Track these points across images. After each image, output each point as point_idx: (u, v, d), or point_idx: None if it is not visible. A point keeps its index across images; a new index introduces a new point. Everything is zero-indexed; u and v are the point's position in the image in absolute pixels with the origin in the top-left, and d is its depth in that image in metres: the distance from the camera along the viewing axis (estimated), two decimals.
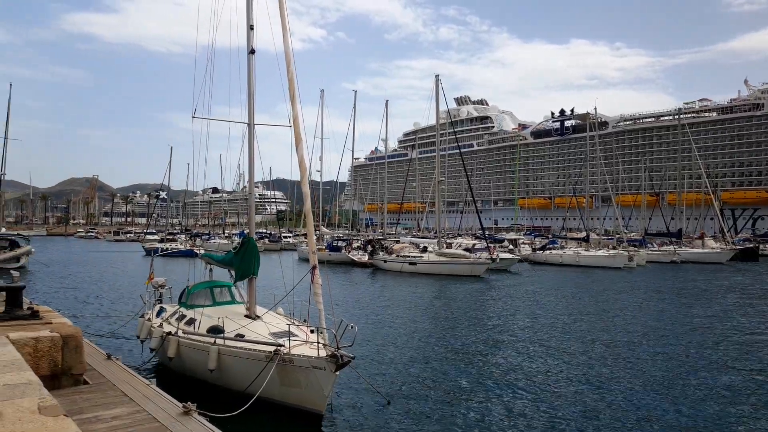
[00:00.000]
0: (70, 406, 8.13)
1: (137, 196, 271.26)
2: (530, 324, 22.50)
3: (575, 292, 33.78)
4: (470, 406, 12.17)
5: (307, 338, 11.96)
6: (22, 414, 5.22)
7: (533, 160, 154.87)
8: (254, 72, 15.41)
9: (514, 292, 33.90)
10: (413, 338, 19.39)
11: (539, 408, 12.01)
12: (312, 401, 10.99)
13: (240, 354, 11.55)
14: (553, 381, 14.03)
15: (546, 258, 58.48)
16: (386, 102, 65.82)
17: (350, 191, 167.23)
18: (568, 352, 17.32)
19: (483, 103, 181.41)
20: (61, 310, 18.97)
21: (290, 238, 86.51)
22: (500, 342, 18.87)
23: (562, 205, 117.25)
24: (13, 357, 7.23)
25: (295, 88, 13.23)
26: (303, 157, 13.05)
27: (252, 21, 15.44)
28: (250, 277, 14.82)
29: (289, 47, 13.28)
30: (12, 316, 9.94)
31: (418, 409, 11.86)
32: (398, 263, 47.17)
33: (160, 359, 14.13)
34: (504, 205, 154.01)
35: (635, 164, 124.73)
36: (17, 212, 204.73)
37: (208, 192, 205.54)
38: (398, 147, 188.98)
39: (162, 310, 15.93)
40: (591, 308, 27.13)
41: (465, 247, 52.34)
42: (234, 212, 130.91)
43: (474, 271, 42.97)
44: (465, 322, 22.93)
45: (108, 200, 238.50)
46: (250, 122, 15.65)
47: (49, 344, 8.81)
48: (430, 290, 34.81)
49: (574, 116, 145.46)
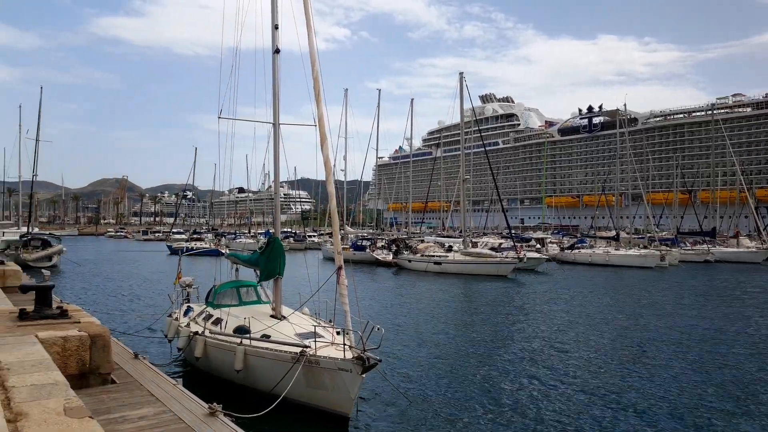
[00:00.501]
0: (97, 406, 8.14)
1: (165, 196, 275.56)
2: (559, 326, 22.08)
3: (606, 293, 33.12)
4: (497, 409, 11.93)
5: (333, 339, 11.84)
6: (47, 415, 5.18)
7: (560, 158, 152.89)
8: (279, 72, 15.39)
9: (542, 292, 33.40)
10: (439, 339, 19.18)
11: (567, 415, 11.71)
12: (338, 403, 10.87)
13: (266, 355, 11.49)
14: (582, 388, 13.66)
15: (575, 257, 57.55)
16: (411, 100, 65.64)
17: (374, 190, 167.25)
18: (599, 357, 16.88)
19: (508, 100, 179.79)
20: (89, 308, 19.20)
21: (315, 237, 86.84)
22: (528, 344, 18.53)
23: (591, 204, 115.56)
24: (41, 356, 7.24)
25: (320, 87, 13.14)
26: (328, 157, 12.96)
27: (276, 20, 15.41)
28: (276, 277, 14.78)
29: (314, 46, 13.20)
30: (41, 315, 10.01)
31: (445, 413, 11.66)
32: (423, 263, 46.88)
33: (187, 359, 14.18)
34: (530, 204, 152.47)
35: (666, 161, 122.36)
36: (50, 212, 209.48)
37: (234, 192, 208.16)
38: (422, 145, 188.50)
39: (189, 309, 16.00)
40: (623, 309, 26.53)
41: (491, 246, 51.84)
42: (260, 212, 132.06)
43: (500, 271, 42.48)
44: (491, 324, 22.62)
45: (137, 200, 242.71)
46: (275, 122, 15.61)
47: (77, 343, 8.84)
48: (456, 290, 34.50)
49: (603, 113, 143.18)
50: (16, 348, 7.59)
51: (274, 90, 15.37)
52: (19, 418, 5.11)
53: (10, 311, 10.69)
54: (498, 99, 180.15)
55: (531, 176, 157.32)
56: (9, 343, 7.86)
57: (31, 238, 48.24)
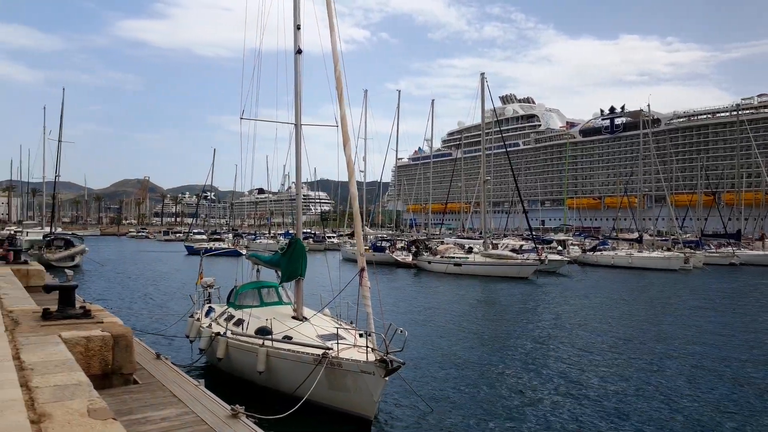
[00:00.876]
0: (119, 406, 8.10)
1: (186, 197, 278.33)
2: (583, 330, 21.73)
3: (630, 296, 32.59)
4: (520, 416, 11.71)
5: (356, 341, 11.72)
6: (71, 416, 5.12)
7: (582, 159, 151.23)
8: (301, 72, 15.33)
9: (565, 295, 32.96)
10: (460, 342, 18.97)
11: (592, 422, 11.44)
12: (361, 406, 10.75)
13: (288, 356, 11.41)
14: (608, 394, 13.35)
15: (597, 259, 56.80)
16: (432, 101, 65.51)
17: (393, 191, 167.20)
18: (625, 363, 16.53)
19: (529, 101, 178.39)
20: (111, 308, 19.31)
21: (334, 238, 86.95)
22: (550, 348, 18.23)
23: (613, 205, 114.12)
24: (64, 357, 7.21)
25: (343, 86, 13.03)
26: (351, 157, 12.83)
27: (299, 21, 15.35)
28: (297, 279, 14.70)
29: (337, 45, 13.10)
30: (64, 315, 10.00)
31: (468, 419, 11.47)
32: (443, 264, 46.61)
33: (209, 359, 14.15)
34: (551, 205, 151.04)
35: (690, 162, 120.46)
36: (72, 213, 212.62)
37: (254, 193, 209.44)
38: (442, 146, 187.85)
39: (211, 310, 15.99)
40: (648, 313, 26.05)
41: (512, 248, 51.36)
42: (279, 212, 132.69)
43: (521, 273, 42.05)
44: (513, 326, 22.34)
45: (158, 201, 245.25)
46: (297, 123, 15.55)
47: (100, 343, 8.81)
48: (477, 292, 34.20)
49: (625, 114, 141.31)
50: (39, 348, 7.58)
51: (296, 90, 15.31)
52: (43, 419, 5.05)
53: (33, 311, 10.73)
54: (518, 99, 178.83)
55: (552, 177, 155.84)
56: (33, 343, 7.85)
57: (54, 238, 48.90)
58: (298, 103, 15.38)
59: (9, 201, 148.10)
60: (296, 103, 15.37)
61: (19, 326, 9.21)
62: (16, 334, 8.56)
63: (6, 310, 10.89)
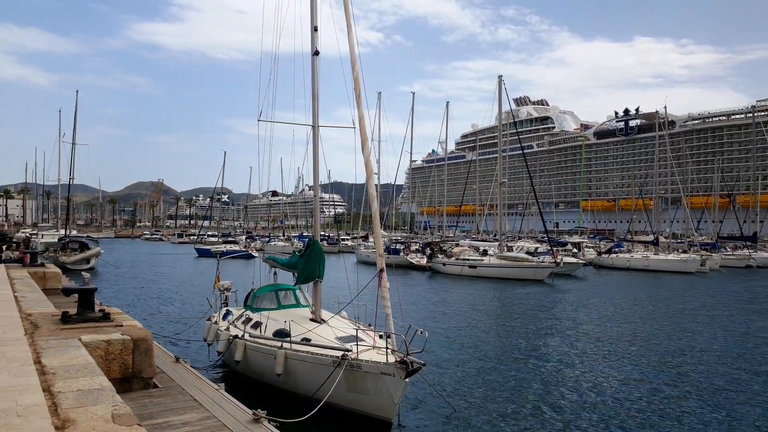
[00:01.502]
0: (140, 411, 8.01)
1: (200, 199, 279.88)
2: (600, 333, 21.44)
3: (647, 299, 32.16)
4: (539, 418, 11.51)
5: (375, 343, 11.58)
6: (95, 422, 5.01)
7: (596, 161, 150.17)
8: (318, 73, 15.24)
9: (581, 297, 32.59)
10: (477, 345, 18.77)
11: (612, 425, 11.22)
12: (381, 408, 10.61)
13: (307, 359, 11.29)
14: (627, 398, 13.12)
15: (613, 262, 56.22)
16: (447, 104, 65.24)
17: (407, 194, 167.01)
18: (642, 366, 16.22)
19: (543, 103, 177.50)
20: (127, 311, 19.30)
21: (348, 240, 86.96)
22: (570, 352, 17.99)
23: (627, 208, 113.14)
24: (85, 360, 7.12)
25: (360, 88, 12.92)
26: (369, 159, 12.70)
27: (316, 23, 15.28)
28: (315, 281, 14.59)
29: (355, 47, 12.98)
30: (84, 318, 9.96)
31: (488, 422, 11.29)
32: (458, 266, 46.37)
33: (227, 362, 14.07)
34: (565, 208, 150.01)
35: (705, 164, 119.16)
36: (87, 215, 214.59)
37: (268, 195, 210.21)
38: (456, 149, 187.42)
39: (228, 312, 15.93)
40: (666, 316, 25.69)
41: (527, 250, 50.98)
42: (293, 215, 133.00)
43: (537, 275, 41.72)
44: (529, 329, 22.09)
45: (173, 203, 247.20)
46: (314, 124, 15.45)
47: (120, 347, 8.74)
48: (492, 295, 33.94)
49: (639, 116, 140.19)
50: (60, 352, 7.51)
51: (313, 92, 15.22)
52: (67, 425, 4.95)
53: (52, 314, 10.69)
54: (532, 102, 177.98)
55: (566, 180, 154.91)
56: (53, 347, 7.79)
57: (69, 241, 49.21)
58: (315, 105, 15.28)
59: (24, 203, 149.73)
60: (313, 105, 15.28)
61: (38, 330, 9.16)
62: (36, 337, 8.50)
63: (25, 313, 10.87)
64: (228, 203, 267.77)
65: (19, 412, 5.16)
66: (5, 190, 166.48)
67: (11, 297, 13.08)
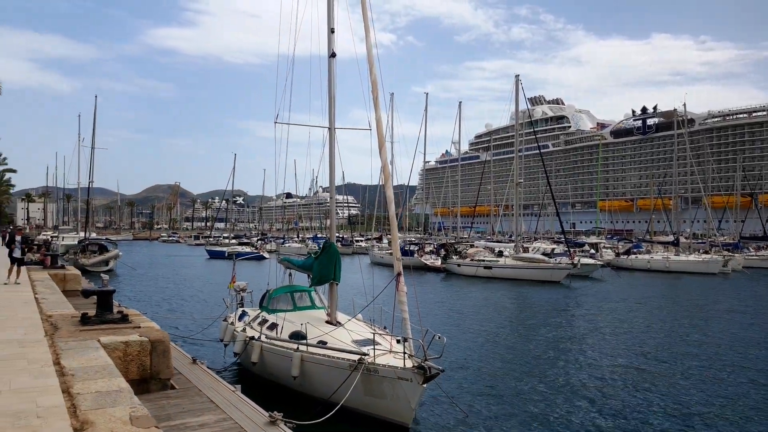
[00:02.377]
0: (158, 412, 8.04)
1: (216, 202, 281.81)
2: (619, 337, 21.18)
3: (670, 301, 31.72)
4: (555, 424, 11.37)
5: (392, 348, 11.52)
6: (113, 424, 5.04)
7: (613, 161, 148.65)
8: (335, 75, 15.25)
9: (599, 299, 32.25)
10: (494, 349, 18.64)
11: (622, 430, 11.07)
12: (398, 413, 10.55)
13: (323, 362, 11.28)
14: (644, 405, 12.93)
15: (632, 263, 55.48)
16: (459, 104, 64.99)
17: (421, 195, 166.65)
18: (660, 372, 15.93)
19: (558, 102, 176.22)
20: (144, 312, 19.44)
21: (362, 242, 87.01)
22: (587, 356, 17.78)
23: (646, 208, 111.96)
24: (104, 362, 7.18)
25: (378, 90, 12.90)
26: (386, 161, 12.70)
27: (333, 24, 15.28)
28: (331, 283, 14.56)
29: (372, 49, 12.94)
30: (102, 320, 10.05)
31: (505, 426, 11.18)
32: (472, 267, 46.11)
33: (243, 363, 14.10)
34: (582, 208, 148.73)
35: (726, 163, 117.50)
36: (106, 218, 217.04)
37: (282, 197, 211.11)
38: (470, 149, 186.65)
39: (244, 313, 15.99)
40: (689, 319, 25.30)
41: (543, 251, 50.58)
42: (307, 216, 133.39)
43: (553, 277, 41.36)
44: (546, 332, 21.88)
45: (189, 206, 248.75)
46: (331, 126, 15.45)
47: (138, 348, 8.81)
48: (508, 296, 33.72)
49: (657, 114, 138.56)
50: (79, 353, 7.57)
51: (330, 93, 15.22)
52: (86, 427, 4.98)
53: (72, 315, 10.80)
54: (548, 101, 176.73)
55: (582, 179, 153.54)
56: (72, 348, 7.86)
57: (88, 243, 49.75)
58: (331, 107, 15.28)
59: (45, 207, 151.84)
60: (330, 107, 15.28)
61: (58, 331, 9.25)
62: (56, 339, 8.59)
63: (45, 314, 10.99)
64: (243, 205, 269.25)
65: (39, 414, 5.21)
66: (27, 193, 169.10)
67: (32, 299, 13.25)
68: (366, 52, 12.90)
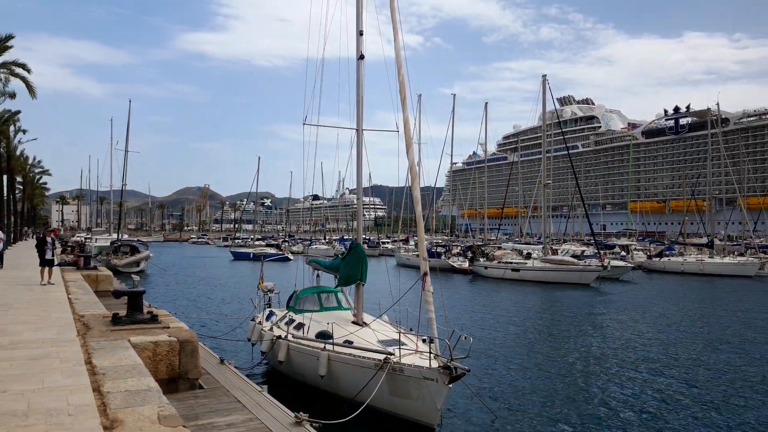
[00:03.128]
0: (186, 411, 8.14)
1: (244, 204, 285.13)
2: (651, 341, 20.74)
3: (705, 305, 30.86)
4: (585, 423, 11.18)
5: (417, 348, 11.48)
6: (142, 423, 5.10)
7: (645, 161, 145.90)
8: (363, 77, 15.30)
9: (630, 302, 31.66)
10: (522, 351, 18.42)
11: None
12: (424, 413, 10.50)
13: (349, 361, 11.30)
14: (671, 410, 12.62)
15: (664, 266, 54.31)
16: (486, 104, 64.53)
17: (447, 196, 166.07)
18: (693, 378, 15.51)
19: (588, 102, 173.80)
20: (174, 312, 19.73)
21: (389, 243, 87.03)
22: (618, 360, 17.42)
23: (678, 209, 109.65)
24: (134, 361, 7.28)
25: (406, 92, 12.89)
26: (413, 162, 12.66)
27: (361, 27, 15.34)
28: (358, 284, 14.59)
29: (401, 51, 12.93)
30: (133, 320, 10.22)
31: (534, 427, 11.03)
32: (500, 269, 45.72)
33: (270, 362, 14.22)
34: (613, 209, 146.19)
35: (761, 163, 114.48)
36: (137, 219, 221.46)
37: (309, 199, 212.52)
38: (497, 150, 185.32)
39: (272, 313, 16.12)
40: (725, 323, 24.63)
41: (572, 253, 49.89)
42: (334, 218, 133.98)
43: (583, 279, 40.74)
44: (575, 335, 21.56)
45: (218, 208, 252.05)
46: (358, 128, 15.50)
47: (167, 348, 8.92)
48: (536, 299, 33.34)
49: (690, 113, 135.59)
50: (110, 352, 7.70)
51: (358, 95, 15.27)
52: (115, 425, 5.04)
53: (103, 315, 11.01)
54: (577, 101, 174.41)
55: (613, 180, 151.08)
56: (103, 347, 8.00)
57: (120, 245, 50.76)
58: (359, 108, 15.34)
59: (79, 209, 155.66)
60: (358, 108, 15.33)
61: (90, 331, 9.43)
62: (88, 338, 8.75)
63: (78, 314, 11.22)
64: (271, 207, 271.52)
65: (70, 412, 5.30)
66: (61, 196, 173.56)
67: (66, 299, 13.55)
68: (394, 54, 12.90)
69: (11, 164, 55.76)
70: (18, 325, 9.77)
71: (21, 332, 9.09)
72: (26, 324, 9.87)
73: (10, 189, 58.58)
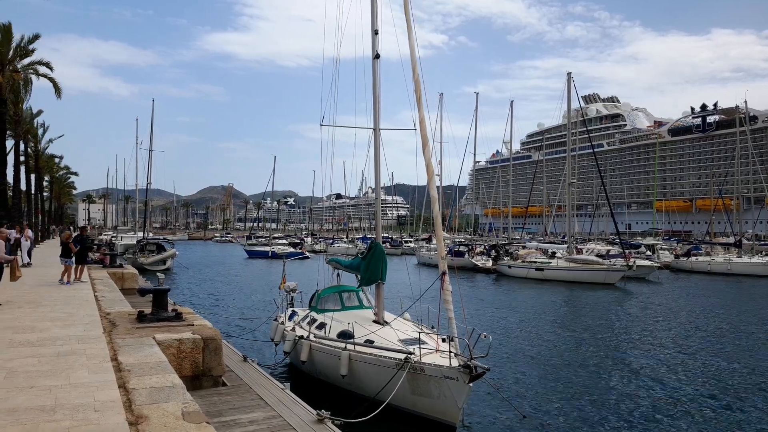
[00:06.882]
0: (209, 408, 8.25)
1: (267, 203, 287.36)
2: (678, 341, 20.41)
3: (731, 306, 30.22)
4: (613, 425, 11.05)
5: (438, 347, 11.48)
6: (166, 419, 5.19)
7: (671, 160, 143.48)
8: (379, 76, 15.31)
9: (656, 302, 31.17)
10: (546, 351, 18.27)
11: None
12: (445, 412, 10.51)
13: (370, 360, 11.34)
14: (703, 412, 12.41)
15: (692, 266, 53.35)
16: (511, 103, 63.86)
17: (471, 195, 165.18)
18: (721, 380, 15.25)
19: (614, 100, 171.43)
20: (198, 310, 19.99)
21: (411, 242, 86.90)
22: (644, 361, 17.19)
23: (705, 208, 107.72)
24: (158, 359, 7.41)
25: (421, 90, 12.89)
26: (430, 160, 12.63)
27: (377, 26, 15.36)
28: (378, 283, 14.62)
29: (415, 50, 12.95)
30: (157, 318, 10.38)
31: (559, 428, 10.95)
32: (524, 269, 45.37)
33: (293, 362, 14.34)
34: (638, 208, 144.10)
35: None
36: (162, 218, 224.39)
37: (332, 198, 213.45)
38: (521, 149, 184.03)
39: (294, 313, 16.23)
40: (755, 325, 24.14)
41: (597, 252, 49.27)
42: (357, 217, 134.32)
43: (608, 279, 40.23)
44: (602, 336, 21.29)
45: (242, 206, 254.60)
46: (375, 127, 15.52)
47: (191, 346, 9.05)
48: (559, 298, 33.02)
49: (718, 111, 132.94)
50: (135, 350, 7.84)
51: (375, 95, 15.29)
52: (140, 421, 5.14)
53: (129, 313, 11.20)
54: (602, 99, 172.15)
55: (638, 179, 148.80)
56: (129, 345, 8.15)
57: (146, 243, 51.51)
58: (376, 108, 15.35)
59: (105, 207, 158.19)
60: (374, 108, 15.35)
61: (116, 328, 9.61)
62: (114, 335, 8.92)
63: (104, 312, 11.44)
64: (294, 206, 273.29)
65: (96, 407, 5.42)
66: (88, 195, 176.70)
67: (92, 297, 13.81)
68: (409, 52, 12.92)
69: (39, 163, 57.01)
70: (46, 321, 10.00)
71: (49, 329, 9.30)
72: (54, 321, 10.08)
73: (38, 188, 59.91)
